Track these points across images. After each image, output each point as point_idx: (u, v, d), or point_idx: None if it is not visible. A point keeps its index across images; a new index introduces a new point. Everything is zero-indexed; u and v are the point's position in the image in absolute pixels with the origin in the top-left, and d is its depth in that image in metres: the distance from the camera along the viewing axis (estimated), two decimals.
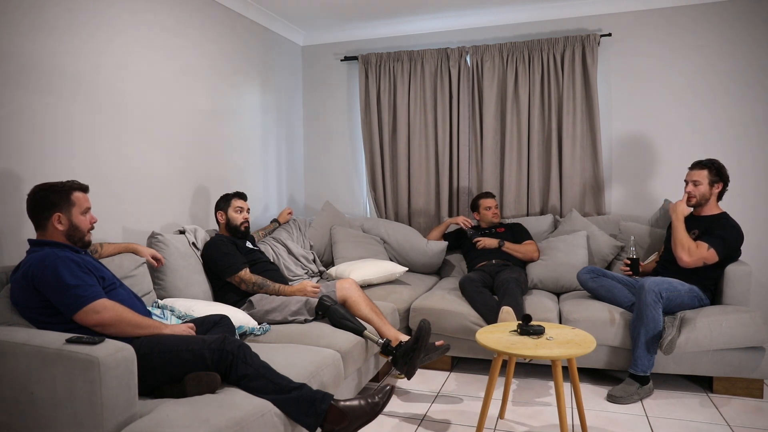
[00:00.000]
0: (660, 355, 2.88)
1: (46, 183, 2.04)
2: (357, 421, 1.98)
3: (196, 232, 3.09)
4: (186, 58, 3.38)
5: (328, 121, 4.84)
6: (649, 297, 2.79)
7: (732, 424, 2.57)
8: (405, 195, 4.52)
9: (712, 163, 3.09)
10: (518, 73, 4.17)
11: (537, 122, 4.15)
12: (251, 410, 1.77)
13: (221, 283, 2.97)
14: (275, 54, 4.44)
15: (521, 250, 3.74)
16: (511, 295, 3.09)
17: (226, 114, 3.81)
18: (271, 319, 2.75)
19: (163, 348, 1.89)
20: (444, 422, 2.63)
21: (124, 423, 1.59)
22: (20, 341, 1.66)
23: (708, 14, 3.87)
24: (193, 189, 3.47)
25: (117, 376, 1.58)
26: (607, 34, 4.00)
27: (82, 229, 2.04)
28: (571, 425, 2.59)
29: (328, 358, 2.32)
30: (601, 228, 3.81)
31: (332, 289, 2.91)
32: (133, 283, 2.47)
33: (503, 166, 4.26)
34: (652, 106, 4.02)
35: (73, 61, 2.60)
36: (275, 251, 3.59)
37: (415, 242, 4.04)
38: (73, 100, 2.61)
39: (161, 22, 3.17)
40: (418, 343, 2.62)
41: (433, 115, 4.41)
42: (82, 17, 2.65)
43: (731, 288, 3.00)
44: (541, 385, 3.07)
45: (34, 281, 1.87)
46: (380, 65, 4.49)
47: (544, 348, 2.24)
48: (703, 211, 3.12)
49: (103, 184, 2.76)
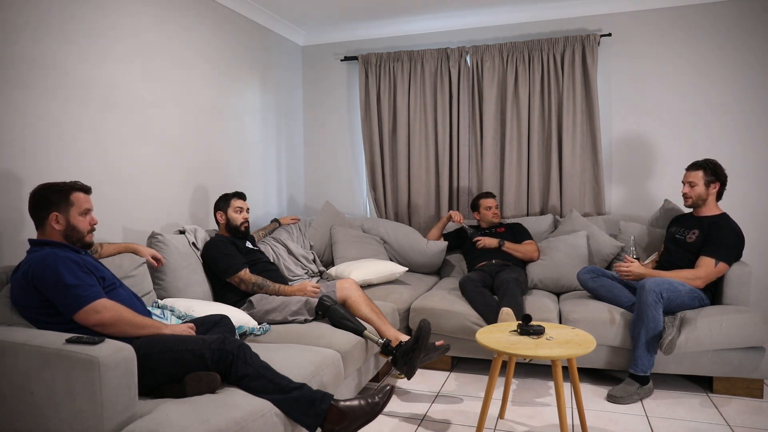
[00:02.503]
0: (660, 355, 2.88)
1: (49, 182, 2.04)
2: (357, 421, 1.98)
3: (196, 232, 3.09)
4: (186, 58, 3.38)
5: (328, 121, 4.84)
6: (650, 297, 2.79)
7: (732, 424, 2.57)
8: (405, 195, 4.53)
9: (708, 164, 3.08)
10: (518, 73, 4.17)
11: (537, 122, 4.15)
12: (251, 410, 1.77)
13: (221, 283, 2.97)
14: (275, 54, 4.44)
15: (521, 249, 3.73)
16: (511, 295, 3.09)
17: (227, 114, 3.81)
18: (271, 319, 2.75)
19: (163, 348, 1.89)
20: (444, 422, 2.63)
21: (124, 423, 1.59)
22: (20, 341, 1.66)
23: (708, 14, 3.87)
24: (193, 189, 3.47)
25: (117, 376, 1.58)
26: (607, 34, 4.01)
27: (80, 229, 2.03)
28: (571, 425, 2.59)
29: (328, 358, 2.32)
30: (601, 228, 3.81)
31: (332, 289, 2.91)
32: (133, 283, 2.46)
33: (503, 166, 4.26)
34: (652, 106, 4.02)
35: (73, 62, 2.60)
36: (275, 251, 3.59)
37: (415, 242, 4.04)
38: (73, 101, 2.61)
39: (162, 22, 3.17)
40: (418, 343, 2.62)
41: (433, 115, 4.41)
42: (82, 18, 2.65)
43: (731, 288, 3.00)
44: (541, 385, 3.07)
45: (34, 281, 1.86)
46: (380, 65, 4.49)
47: (544, 348, 2.24)
48: (702, 212, 3.12)
49: (104, 184, 2.76)
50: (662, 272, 3.01)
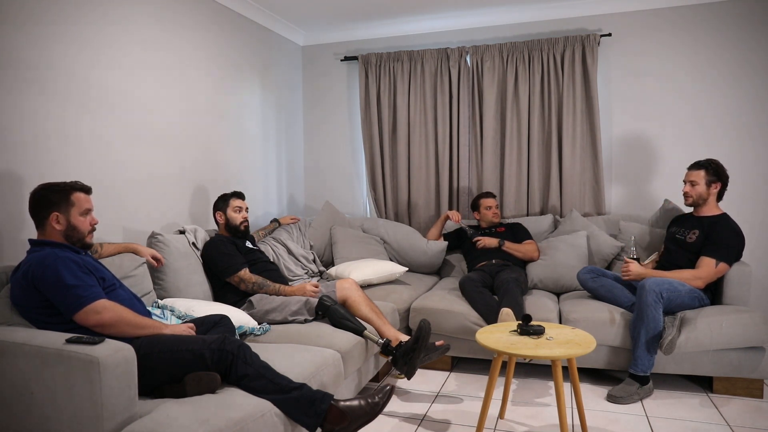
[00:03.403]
0: (660, 355, 2.88)
1: (50, 182, 2.04)
2: (357, 421, 1.98)
3: (196, 232, 3.09)
4: (186, 59, 3.38)
5: (328, 121, 4.84)
6: (650, 297, 2.79)
7: (732, 424, 2.57)
8: (405, 195, 4.53)
9: (710, 164, 3.09)
10: (518, 73, 4.17)
11: (537, 122, 4.15)
12: (251, 410, 1.78)
13: (221, 283, 2.97)
14: (275, 54, 4.44)
15: (521, 249, 3.73)
16: (511, 295, 3.09)
17: (227, 114, 3.81)
18: (271, 319, 2.75)
19: (163, 348, 1.89)
20: (444, 422, 2.63)
21: (124, 423, 1.59)
22: (20, 341, 1.66)
23: (708, 14, 3.87)
24: (193, 189, 3.47)
25: (117, 376, 1.58)
26: (607, 34, 4.01)
27: (81, 230, 2.03)
28: (571, 425, 2.59)
29: (328, 358, 2.32)
30: (601, 228, 3.81)
31: (332, 289, 2.91)
32: (133, 283, 2.46)
33: (503, 166, 4.26)
34: (652, 105, 4.02)
35: (72, 62, 2.60)
36: (275, 251, 3.59)
37: (415, 242, 4.04)
38: (73, 101, 2.61)
39: (161, 22, 3.17)
40: (418, 343, 2.62)
41: (433, 115, 4.41)
42: (81, 18, 2.65)
43: (731, 288, 3.00)
44: (541, 385, 3.07)
45: (34, 281, 1.87)
46: (380, 65, 4.49)
47: (544, 348, 2.24)
48: (703, 212, 3.12)
49: (103, 184, 2.76)
50: (662, 272, 3.02)
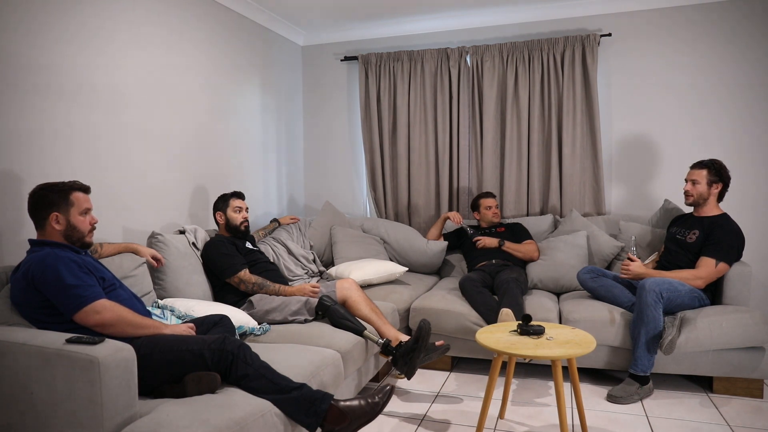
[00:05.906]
0: (660, 355, 2.88)
1: (48, 182, 2.04)
2: (357, 421, 1.98)
3: (196, 232, 3.09)
4: (186, 58, 3.38)
5: (328, 121, 4.84)
6: (650, 297, 2.79)
7: (732, 424, 2.57)
8: (405, 195, 4.53)
9: (713, 164, 3.09)
10: (518, 73, 4.17)
11: (537, 122, 4.15)
12: (251, 410, 1.77)
13: (221, 283, 2.97)
14: (275, 54, 4.44)
15: (521, 249, 3.73)
16: (511, 295, 3.09)
17: (226, 114, 3.81)
18: (271, 319, 2.75)
19: (163, 348, 1.89)
20: (444, 422, 2.63)
21: (124, 423, 1.59)
22: (20, 341, 1.66)
23: (708, 14, 3.87)
24: (193, 189, 3.47)
25: (117, 376, 1.58)
26: (607, 34, 4.00)
27: (81, 229, 2.03)
28: (571, 425, 2.59)
29: (328, 358, 2.32)
30: (601, 228, 3.81)
31: (332, 289, 2.90)
32: (133, 283, 2.46)
33: (503, 166, 4.26)
34: (652, 105, 4.02)
35: (72, 62, 2.60)
36: (275, 251, 3.59)
37: (415, 242, 4.04)
38: (73, 101, 2.61)
39: (161, 22, 3.17)
40: (418, 343, 2.62)
41: (433, 115, 4.41)
42: (81, 18, 2.65)
43: (731, 288, 3.00)
44: (541, 385, 3.07)
45: (34, 281, 1.86)
46: (380, 65, 4.49)
47: (544, 348, 2.24)
48: (703, 212, 3.12)
49: (103, 184, 2.76)
50: (662, 272, 3.02)
